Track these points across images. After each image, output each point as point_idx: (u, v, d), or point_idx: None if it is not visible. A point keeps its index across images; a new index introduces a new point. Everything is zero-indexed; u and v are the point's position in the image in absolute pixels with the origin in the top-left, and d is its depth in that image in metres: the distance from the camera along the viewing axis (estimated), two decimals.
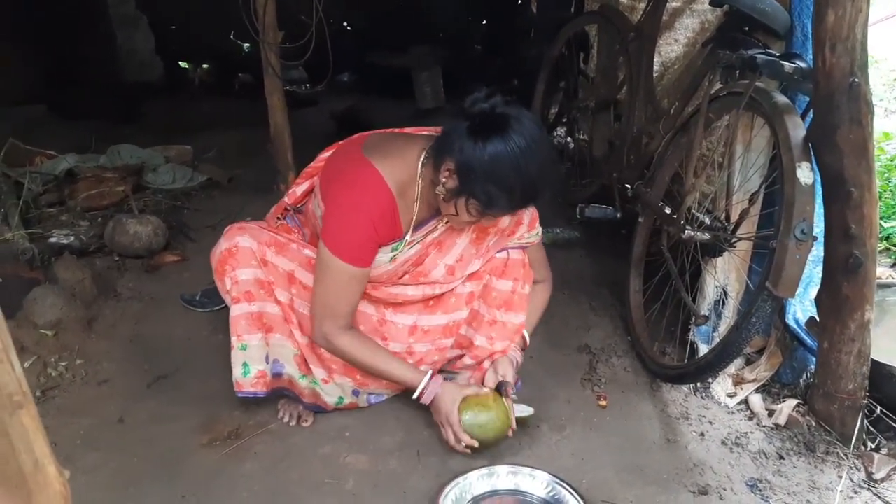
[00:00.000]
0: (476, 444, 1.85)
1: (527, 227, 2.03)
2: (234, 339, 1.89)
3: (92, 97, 4.92)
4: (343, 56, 3.42)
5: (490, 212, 1.71)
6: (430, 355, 2.05)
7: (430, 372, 1.91)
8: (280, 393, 2.00)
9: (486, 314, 2.06)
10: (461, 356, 2.13)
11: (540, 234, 2.09)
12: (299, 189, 2.08)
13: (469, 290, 2.03)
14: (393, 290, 1.97)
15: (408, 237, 1.85)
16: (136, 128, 4.74)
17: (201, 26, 6.04)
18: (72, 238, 2.96)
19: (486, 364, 2.08)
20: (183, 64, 6.69)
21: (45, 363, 2.23)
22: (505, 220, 1.95)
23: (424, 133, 1.90)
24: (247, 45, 6.13)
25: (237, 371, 1.91)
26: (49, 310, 2.35)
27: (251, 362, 1.91)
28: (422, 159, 1.79)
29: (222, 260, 1.88)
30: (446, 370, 2.15)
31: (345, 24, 6.60)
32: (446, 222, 1.89)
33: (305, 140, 3.24)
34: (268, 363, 1.93)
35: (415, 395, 1.90)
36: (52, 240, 2.92)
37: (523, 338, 2.11)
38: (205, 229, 3.28)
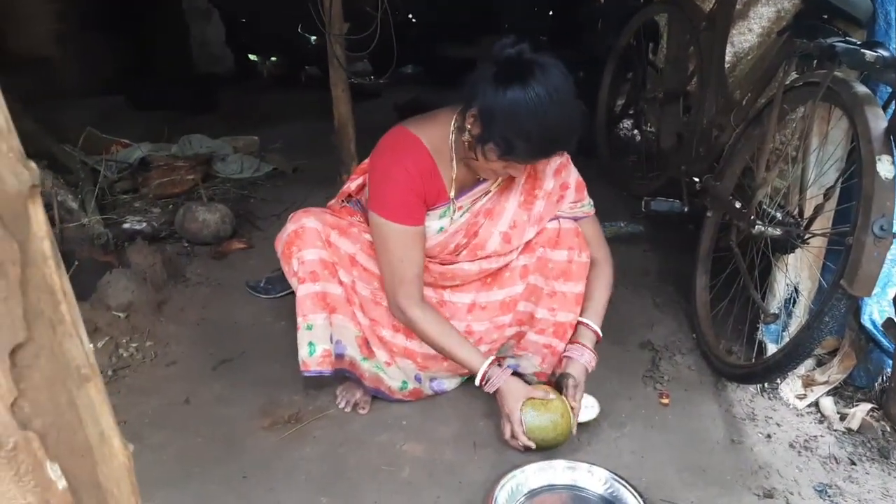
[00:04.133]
0: (533, 446, 1.83)
1: (574, 193, 2.03)
2: (300, 320, 1.91)
3: (166, 88, 5.08)
4: (407, 48, 3.43)
5: (509, 158, 1.70)
6: (489, 333, 2.06)
7: (491, 359, 1.87)
8: (342, 374, 2.01)
9: (545, 286, 2.03)
10: (523, 334, 2.10)
11: (592, 205, 2.09)
12: (354, 184, 2.10)
13: (523, 263, 2.03)
14: (452, 268, 2.00)
15: (452, 195, 1.89)
16: (206, 118, 4.87)
17: (270, 19, 6.16)
18: (144, 224, 3.06)
19: (553, 342, 2.04)
20: (252, 56, 6.83)
21: (116, 344, 2.31)
22: (549, 183, 1.98)
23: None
24: (314, 37, 6.23)
25: (304, 351, 1.92)
26: (122, 293, 2.43)
27: (317, 341, 1.92)
28: (455, 117, 1.84)
29: (289, 242, 1.91)
30: (511, 355, 2.13)
31: (409, 15, 6.63)
32: (497, 184, 1.93)
33: (369, 132, 3.25)
34: (332, 343, 1.95)
35: (477, 382, 1.87)
36: (126, 225, 3.03)
37: (594, 332, 2.02)
38: (270, 218, 3.35)
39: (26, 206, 0.51)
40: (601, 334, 2.04)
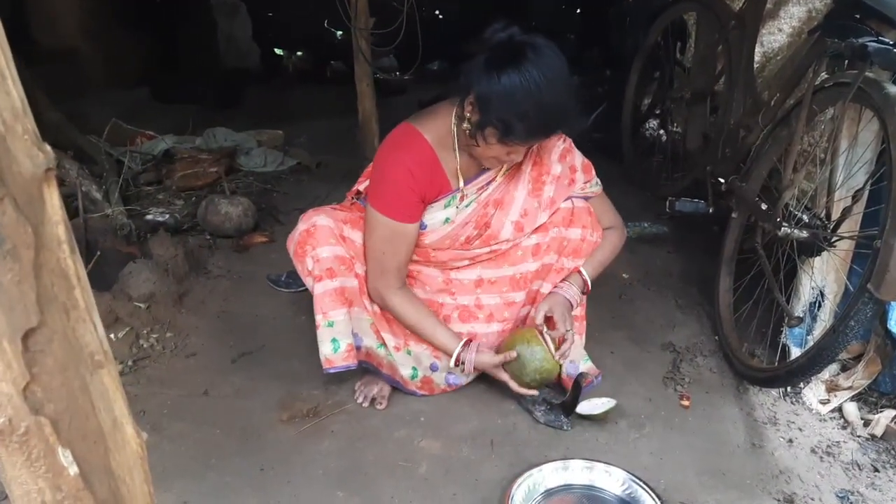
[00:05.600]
0: (538, 377, 1.87)
1: (583, 174, 2.04)
2: (319, 318, 1.91)
3: (192, 83, 5.11)
4: (434, 44, 3.42)
5: (508, 140, 1.71)
6: (500, 310, 2.06)
7: (464, 341, 1.92)
8: (363, 366, 2.02)
9: (555, 263, 2.04)
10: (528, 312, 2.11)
11: (599, 184, 2.09)
12: (361, 187, 2.11)
13: (535, 241, 2.02)
14: (462, 252, 2.00)
15: (461, 185, 1.90)
16: (231, 112, 4.90)
17: (297, 14, 6.17)
18: (167, 216, 3.08)
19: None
20: (278, 51, 6.85)
21: (137, 334, 2.32)
22: (556, 168, 1.99)
23: None
24: (339, 32, 6.24)
25: (326, 348, 1.92)
26: (143, 283, 2.44)
27: (340, 337, 1.93)
28: (455, 108, 1.85)
29: (302, 241, 1.92)
30: None
31: (436, 12, 6.62)
32: (503, 172, 1.93)
33: (392, 127, 3.27)
34: (352, 336, 1.96)
35: (452, 364, 1.92)
36: (149, 217, 3.05)
37: (585, 282, 2.04)
38: (293, 212, 3.35)
39: (41, 189, 0.51)
40: (590, 286, 2.05)
